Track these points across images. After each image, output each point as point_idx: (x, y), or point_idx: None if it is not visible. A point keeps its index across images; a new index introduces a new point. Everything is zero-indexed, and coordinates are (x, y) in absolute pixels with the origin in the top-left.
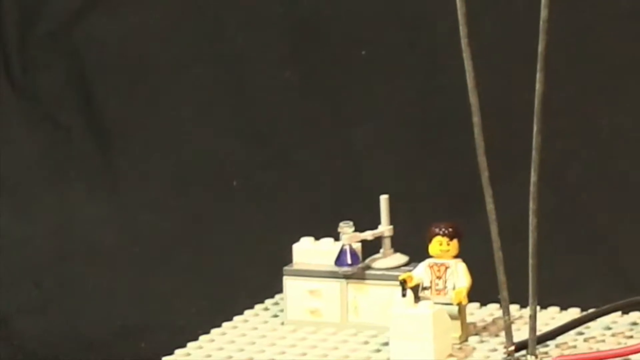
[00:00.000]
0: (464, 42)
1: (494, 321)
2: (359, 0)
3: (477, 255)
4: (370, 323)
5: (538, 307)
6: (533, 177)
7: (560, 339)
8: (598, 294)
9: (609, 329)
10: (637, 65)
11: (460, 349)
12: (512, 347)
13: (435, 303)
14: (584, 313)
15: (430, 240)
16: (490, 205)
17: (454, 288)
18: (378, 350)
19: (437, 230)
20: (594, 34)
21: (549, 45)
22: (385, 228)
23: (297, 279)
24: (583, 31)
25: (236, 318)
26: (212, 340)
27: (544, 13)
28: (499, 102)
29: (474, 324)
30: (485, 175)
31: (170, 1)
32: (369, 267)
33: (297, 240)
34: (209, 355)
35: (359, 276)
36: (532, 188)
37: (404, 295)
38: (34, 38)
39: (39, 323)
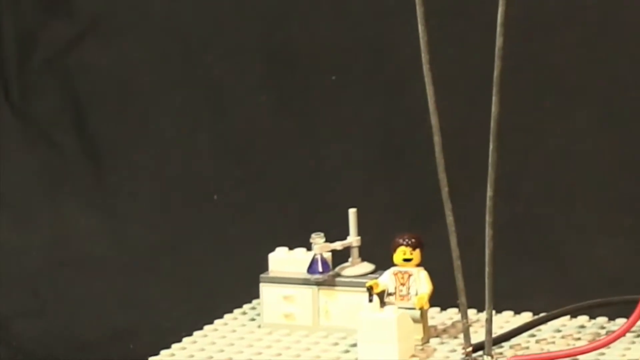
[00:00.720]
0: (425, 67)
1: (453, 324)
2: (328, 30)
3: (438, 264)
4: (340, 326)
5: (493, 312)
6: (489, 192)
7: (514, 340)
8: (548, 300)
9: (559, 331)
10: (583, 88)
11: (422, 350)
12: (470, 348)
13: (400, 308)
14: (536, 317)
15: (394, 250)
16: (449, 218)
17: (416, 294)
18: (347, 351)
19: (400, 241)
20: (545, 61)
21: (503, 70)
22: (353, 239)
23: (273, 286)
24: (535, 58)
25: (217, 321)
26: (195, 342)
27: (498, 41)
28: (458, 123)
29: (434, 326)
30: (445, 190)
31: (155, 32)
32: (338, 275)
33: (272, 250)
34: (192, 356)
35: (330, 283)
36: (488, 202)
37: (370, 300)
38: (31, 65)
39: (37, 326)
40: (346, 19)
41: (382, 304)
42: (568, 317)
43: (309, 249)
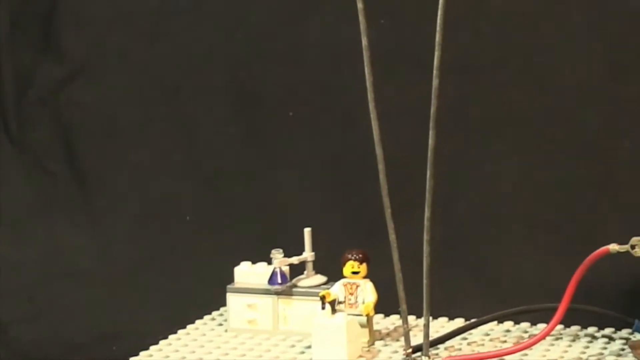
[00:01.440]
0: (371, 105)
1: (395, 329)
2: (287, 73)
3: (382, 276)
4: (297, 330)
5: (430, 318)
6: (427, 213)
7: (448, 343)
8: (478, 307)
9: (487, 335)
10: (508, 124)
11: (368, 351)
12: (410, 350)
13: (349, 314)
14: (467, 322)
15: (344, 264)
16: (392, 236)
17: (363, 302)
18: (303, 352)
19: (349, 256)
20: (474, 99)
21: (439, 108)
22: (308, 254)
23: (238, 295)
24: (466, 97)
25: (189, 326)
26: (170, 344)
27: (435, 82)
28: (399, 153)
29: (379, 331)
30: (388, 211)
31: (136, 74)
32: (295, 286)
33: (237, 264)
34: (167, 356)
35: (288, 293)
36: (425, 222)
37: (323, 308)
38: (27, 101)
39: (32, 330)
40: (303, 63)
41: (334, 311)
42: (495, 322)
43: (270, 263)
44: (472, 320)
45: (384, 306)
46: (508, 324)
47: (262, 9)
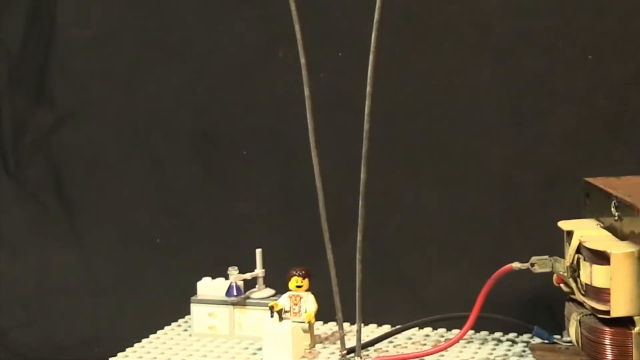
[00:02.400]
0: (312, 145)
1: (332, 334)
2: (243, 117)
3: (321, 289)
4: (250, 335)
5: (362, 324)
6: (359, 236)
7: (377, 345)
8: (402, 316)
9: (410, 339)
10: (429, 158)
11: (310, 352)
12: (345, 351)
13: (293, 322)
14: (393, 328)
15: (289, 279)
16: (330, 256)
17: (305, 311)
18: (255, 354)
19: (294, 272)
20: (397, 141)
21: (369, 148)
22: (259, 271)
23: (200, 305)
24: (391, 139)
25: (159, 331)
26: (143, 347)
27: (366, 126)
28: (336, 186)
29: (319, 335)
30: (326, 235)
31: (115, 119)
32: (248, 297)
33: (200, 279)
34: (141, 357)
35: (242, 303)
36: (358, 244)
37: (272, 316)
38: (23, 143)
39: (27, 335)
40: (254, 110)
41: (281, 318)
42: (417, 328)
43: (227, 278)
44: (397, 326)
45: (323, 314)
46: (427, 330)
47: (219, 65)
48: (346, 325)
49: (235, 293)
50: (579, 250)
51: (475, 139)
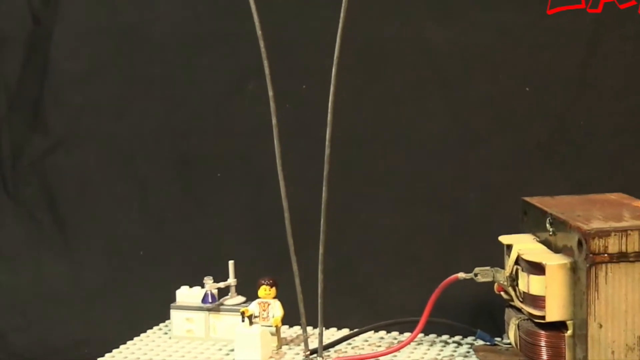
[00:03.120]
0: (279, 168)
1: (297, 336)
2: (216, 143)
3: (287, 297)
4: (223, 338)
5: (324, 328)
6: (321, 249)
7: (337, 347)
8: (360, 321)
9: (366, 341)
10: (383, 180)
11: (277, 353)
12: (308, 352)
13: (262, 326)
14: (351, 332)
15: (258, 288)
16: (295, 267)
17: (273, 316)
18: (227, 354)
19: (263, 281)
20: (359, 163)
21: (330, 170)
22: (232, 280)
23: (179, 311)
24: (351, 161)
25: (142, 334)
26: (128, 348)
27: (327, 151)
28: (300, 204)
29: (285, 338)
30: (292, 249)
31: (102, 144)
32: (222, 304)
33: (178, 287)
34: (126, 357)
35: (216, 309)
36: (320, 257)
37: (243, 320)
38: (20, 166)
39: (24, 338)
40: (228, 136)
41: (251, 323)
42: (372, 331)
43: (203, 287)
44: (355, 330)
45: (289, 319)
46: (382, 333)
47: (196, 97)
48: (309, 328)
49: (210, 300)
50: (517, 261)
51: (425, 161)
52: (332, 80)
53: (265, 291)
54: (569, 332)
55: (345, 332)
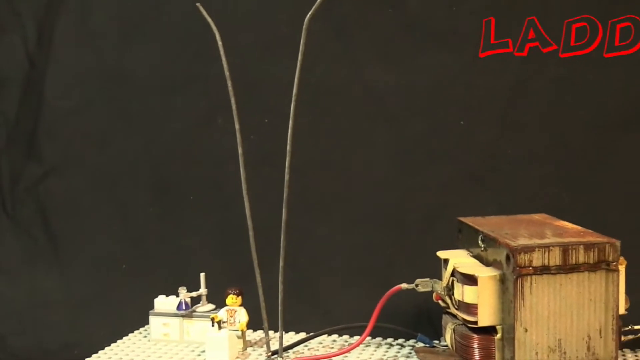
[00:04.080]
0: (244, 192)
1: (260, 339)
2: (189, 170)
3: (252, 304)
4: (196, 340)
5: (284, 332)
6: (281, 263)
7: (295, 348)
8: (315, 326)
9: (321, 343)
10: (334, 202)
11: (242, 354)
12: (270, 353)
13: (230, 330)
14: (308, 335)
15: (226, 297)
16: (258, 278)
17: (239, 322)
18: (199, 355)
19: (230, 291)
20: (314, 188)
21: (289, 194)
22: (203, 290)
23: (157, 317)
24: (308, 186)
25: (124, 337)
26: (112, 349)
27: (286, 177)
28: (263, 223)
29: (250, 341)
30: (255, 262)
31: (88, 173)
32: (194, 311)
33: (156, 296)
34: (110, 357)
35: (189, 315)
36: (280, 269)
37: (213, 325)
38: (18, 190)
39: (21, 341)
40: (199, 164)
41: (220, 327)
42: (326, 335)
43: (177, 296)
44: (311, 333)
45: (253, 324)
46: (334, 336)
47: (171, 130)
48: (271, 332)
49: (184, 307)
50: (453, 274)
51: (371, 186)
52: (291, 115)
53: (232, 300)
54: (499, 335)
55: (302, 335)
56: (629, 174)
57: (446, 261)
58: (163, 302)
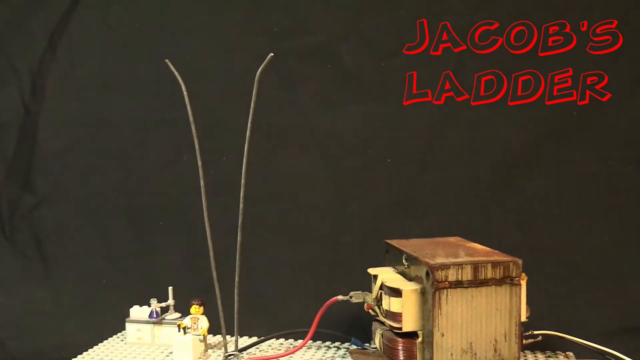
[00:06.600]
0: (206, 217)
1: (219, 342)
2: (161, 198)
3: (212, 313)
4: (165, 343)
5: (239, 336)
6: (237, 278)
7: (249, 350)
8: (265, 330)
9: (270, 346)
10: (281, 225)
11: (204, 355)
12: (227, 354)
13: (193, 335)
14: (259, 339)
15: (190, 307)
16: (217, 291)
17: (201, 328)
18: (168, 356)
19: (193, 302)
20: (267, 213)
21: (244, 220)
22: (171, 301)
23: (132, 324)
24: (260, 212)
25: (105, 341)
26: (94, 351)
27: (241, 205)
28: (222, 244)
29: (210, 344)
30: (215, 276)
31: (74, 201)
32: (164, 319)
33: (132, 306)
34: (93, 358)
35: (160, 322)
36: (236, 284)
37: (179, 331)
38: (15, 217)
39: (18, 344)
40: (168, 194)
41: (185, 333)
42: (274, 339)
43: (149, 306)
44: (262, 337)
45: (213, 330)
46: (282, 340)
47: (143, 166)
48: (228, 337)
49: (155, 316)
50: (381, 287)
51: (312, 213)
52: (245, 153)
53: (196, 309)
54: (420, 339)
55: (254, 339)
56: (529, 204)
57: (376, 277)
58: (137, 311)
